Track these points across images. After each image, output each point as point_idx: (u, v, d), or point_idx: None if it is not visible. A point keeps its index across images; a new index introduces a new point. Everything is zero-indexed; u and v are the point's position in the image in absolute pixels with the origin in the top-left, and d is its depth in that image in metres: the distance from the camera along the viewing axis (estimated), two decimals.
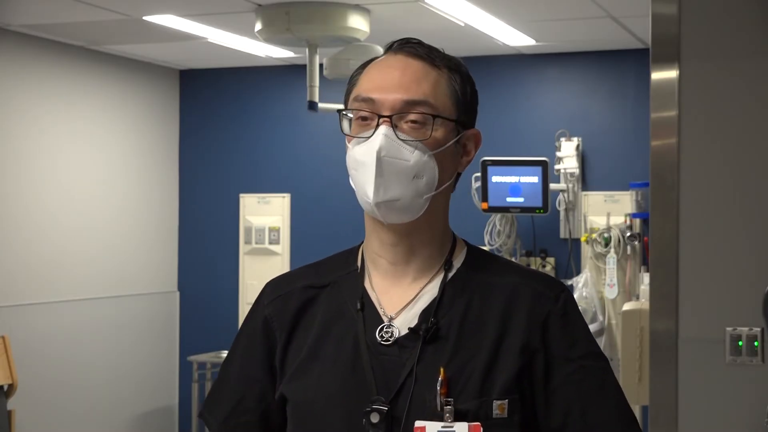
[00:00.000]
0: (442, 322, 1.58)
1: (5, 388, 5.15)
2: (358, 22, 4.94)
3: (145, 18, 5.17)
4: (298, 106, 6.22)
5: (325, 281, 1.68)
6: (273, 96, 6.71)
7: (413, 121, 1.56)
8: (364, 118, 1.58)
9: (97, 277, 6.25)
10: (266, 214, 6.70)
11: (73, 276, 6.07)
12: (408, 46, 1.62)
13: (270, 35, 5.00)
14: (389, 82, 1.58)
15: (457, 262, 1.64)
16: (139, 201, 6.60)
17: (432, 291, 1.61)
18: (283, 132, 6.67)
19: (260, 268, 6.65)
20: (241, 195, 6.76)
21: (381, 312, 1.61)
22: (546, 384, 1.57)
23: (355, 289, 1.64)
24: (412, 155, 1.55)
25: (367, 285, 1.64)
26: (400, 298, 1.61)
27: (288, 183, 6.66)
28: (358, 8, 4.92)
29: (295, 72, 6.44)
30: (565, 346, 1.58)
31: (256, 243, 6.68)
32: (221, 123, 6.83)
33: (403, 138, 1.55)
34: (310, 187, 6.58)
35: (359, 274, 1.65)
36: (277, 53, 6.16)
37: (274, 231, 6.67)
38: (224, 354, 6.49)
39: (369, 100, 1.57)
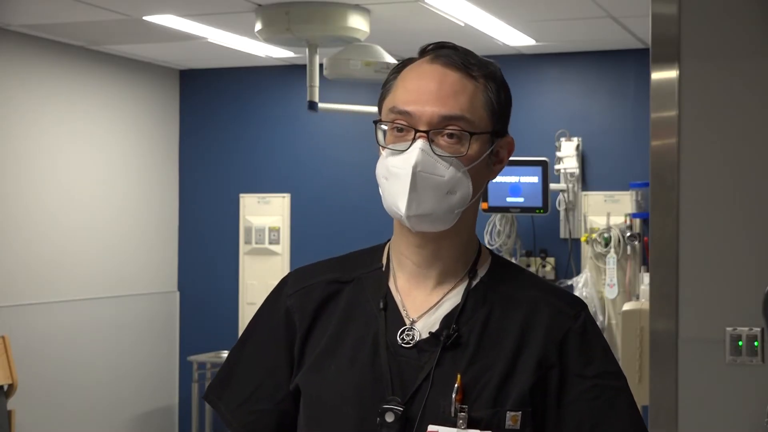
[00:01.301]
0: (462, 330, 1.58)
1: (5, 388, 5.15)
2: (358, 22, 4.94)
3: (145, 18, 5.17)
4: (298, 106, 6.22)
5: (349, 277, 1.67)
6: (273, 96, 6.71)
7: (449, 136, 1.55)
8: (399, 130, 1.57)
9: (97, 277, 6.25)
10: (266, 214, 6.70)
11: (73, 276, 6.07)
12: (444, 55, 1.59)
13: (270, 35, 5.00)
14: (426, 94, 1.55)
15: (482, 272, 1.64)
16: (139, 201, 6.60)
17: (455, 298, 1.61)
18: (283, 132, 6.67)
19: (260, 268, 6.65)
20: (241, 195, 6.76)
21: (404, 314, 1.61)
22: (559, 400, 1.57)
23: (379, 288, 1.64)
24: (447, 171, 1.55)
25: (391, 285, 1.64)
26: (423, 302, 1.62)
27: (288, 183, 6.66)
28: (358, 8, 4.92)
29: (295, 72, 6.45)
30: (581, 363, 1.59)
31: (256, 243, 6.68)
32: (221, 123, 6.83)
33: (439, 153, 1.54)
34: (310, 187, 6.58)
35: (384, 273, 1.66)
36: (277, 53, 6.16)
37: (274, 231, 6.67)
38: (224, 354, 6.51)
39: (405, 113, 1.56)
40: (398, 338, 1.59)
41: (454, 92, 1.56)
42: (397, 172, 1.55)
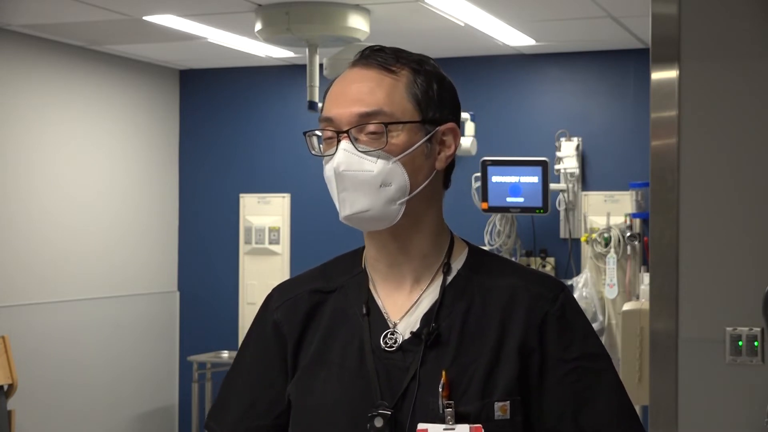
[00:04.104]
0: (443, 326, 1.59)
1: (5, 388, 5.15)
2: (358, 22, 4.94)
3: (145, 18, 5.17)
4: (298, 106, 6.22)
5: (332, 286, 1.69)
6: (273, 96, 6.71)
7: (371, 132, 1.58)
8: (329, 138, 1.61)
9: (97, 277, 6.25)
10: (266, 214, 6.70)
11: (73, 276, 6.07)
12: (364, 57, 1.63)
13: (270, 35, 5.00)
14: (344, 97, 1.60)
15: (457, 264, 1.65)
16: (139, 201, 6.60)
17: (432, 295, 1.62)
18: (283, 132, 6.67)
19: (260, 268, 6.65)
20: (241, 195, 6.77)
21: (386, 317, 1.63)
22: (540, 385, 1.58)
23: (361, 294, 1.66)
24: (375, 165, 1.57)
25: (372, 289, 1.66)
26: (403, 303, 1.63)
27: (288, 183, 6.66)
28: (358, 8, 4.92)
29: (295, 72, 6.45)
30: (561, 347, 1.59)
31: (256, 243, 6.68)
32: (221, 123, 6.83)
33: (362, 150, 1.57)
34: (310, 187, 6.57)
35: (364, 278, 1.67)
36: (277, 53, 6.16)
37: (274, 231, 6.67)
38: (224, 354, 6.53)
39: (329, 120, 1.60)
40: (381, 342, 1.60)
41: (369, 89, 1.59)
42: (329, 177, 1.60)
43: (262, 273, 6.61)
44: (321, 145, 1.63)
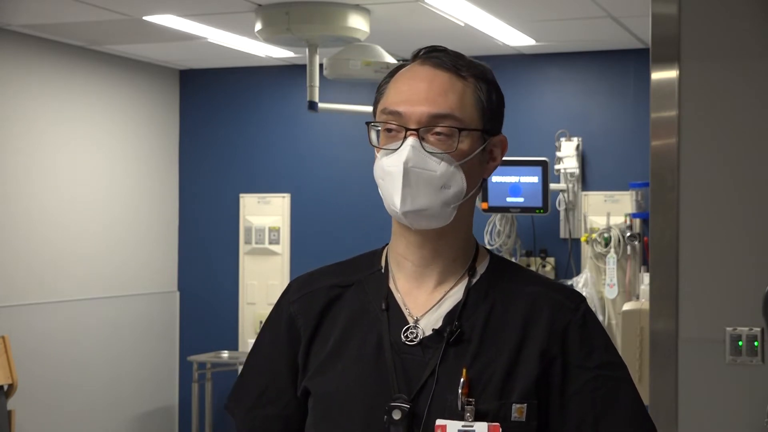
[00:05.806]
0: (465, 326, 1.61)
1: (5, 388, 5.15)
2: (358, 22, 4.94)
3: (145, 18, 5.17)
4: (298, 106, 6.22)
5: (350, 281, 1.71)
6: (273, 96, 6.71)
7: (439, 134, 1.59)
8: (390, 130, 1.61)
9: (97, 277, 6.25)
10: (266, 214, 6.70)
11: (73, 276, 6.07)
12: (434, 57, 1.64)
13: (270, 35, 5.01)
14: (416, 95, 1.60)
15: (481, 269, 1.67)
16: (139, 201, 6.60)
17: (456, 295, 1.64)
18: (283, 132, 6.67)
19: (260, 268, 6.64)
20: (241, 195, 6.77)
21: (406, 313, 1.64)
22: (562, 391, 1.60)
23: (380, 289, 1.67)
24: (438, 166, 1.58)
25: (391, 286, 1.67)
26: (425, 301, 1.65)
27: (288, 183, 6.66)
28: (358, 8, 4.92)
29: (295, 72, 6.45)
30: (582, 355, 1.61)
31: (256, 243, 6.68)
32: (221, 123, 6.84)
33: (429, 150, 1.58)
34: (310, 187, 6.58)
35: (384, 275, 1.69)
36: (277, 53, 6.16)
37: (274, 231, 6.67)
38: (224, 354, 6.54)
39: (396, 113, 1.60)
40: (402, 336, 1.61)
41: (443, 91, 1.60)
42: (390, 171, 1.59)
43: (262, 273, 6.60)
44: (378, 137, 1.64)
